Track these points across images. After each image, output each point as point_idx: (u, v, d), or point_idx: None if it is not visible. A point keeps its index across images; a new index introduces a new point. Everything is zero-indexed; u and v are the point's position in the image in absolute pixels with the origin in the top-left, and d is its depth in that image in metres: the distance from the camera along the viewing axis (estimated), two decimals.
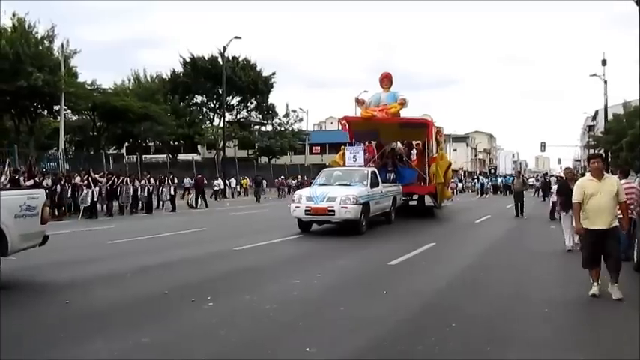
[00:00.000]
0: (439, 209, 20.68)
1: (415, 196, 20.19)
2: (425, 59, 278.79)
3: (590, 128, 72.96)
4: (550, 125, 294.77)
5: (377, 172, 15.44)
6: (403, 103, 18.55)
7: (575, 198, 6.48)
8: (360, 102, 19.65)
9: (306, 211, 13.24)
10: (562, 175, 21.88)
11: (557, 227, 12.11)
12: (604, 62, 41.73)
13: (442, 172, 18.85)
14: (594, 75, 42.09)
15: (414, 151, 20.59)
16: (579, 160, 77.91)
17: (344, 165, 17.35)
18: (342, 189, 13.64)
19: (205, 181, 27.73)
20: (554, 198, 18.63)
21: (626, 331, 5.06)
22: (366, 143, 20.15)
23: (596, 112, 62.72)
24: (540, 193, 34.05)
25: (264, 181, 36.49)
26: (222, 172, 37.70)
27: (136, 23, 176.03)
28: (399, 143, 20.56)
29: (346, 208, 12.80)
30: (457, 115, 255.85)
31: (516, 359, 4.45)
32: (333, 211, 12.84)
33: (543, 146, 63.10)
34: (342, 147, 19.58)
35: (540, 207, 23.05)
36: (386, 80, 19.43)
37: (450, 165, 21.76)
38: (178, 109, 44.64)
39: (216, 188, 33.38)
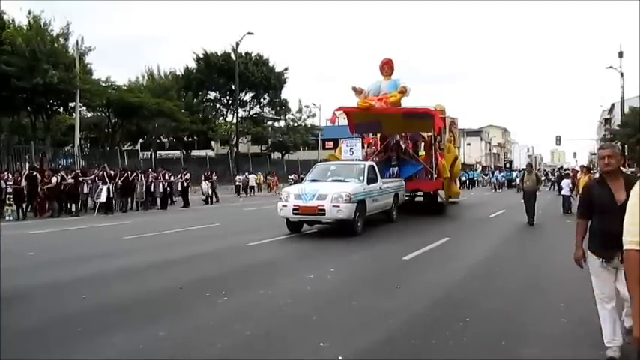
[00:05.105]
0: (448, 205, 20.01)
1: (421, 192, 19.06)
2: (437, 52, 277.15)
3: (607, 121, 72.09)
4: (566, 119, 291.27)
5: (375, 167, 14.26)
6: (404, 92, 17.14)
7: (582, 209, 4.43)
8: (357, 91, 17.72)
9: (293, 210, 12.01)
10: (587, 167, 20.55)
11: (573, 222, 11.96)
12: (620, 54, 41.16)
13: (448, 166, 18.05)
14: (611, 67, 41.54)
15: (423, 144, 19.17)
16: (595, 154, 76.96)
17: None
18: (335, 185, 12.46)
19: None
20: (564, 192, 18.79)
21: None
22: (371, 135, 19.53)
23: (613, 105, 61.97)
24: (556, 187, 33.80)
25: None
26: (235, 168, 37.85)
27: (149, 20, 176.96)
28: (397, 136, 18.88)
29: (338, 206, 11.59)
30: (471, 109, 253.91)
31: (531, 355, 4.42)
32: (324, 210, 11.66)
33: (559, 140, 62.65)
34: (341, 140, 18.37)
35: (556, 201, 22.78)
36: (386, 67, 17.94)
37: (456, 158, 20.83)
38: (192, 105, 44.84)
39: (237, 183, 33.72)
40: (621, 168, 4.42)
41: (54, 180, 18.46)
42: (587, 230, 4.29)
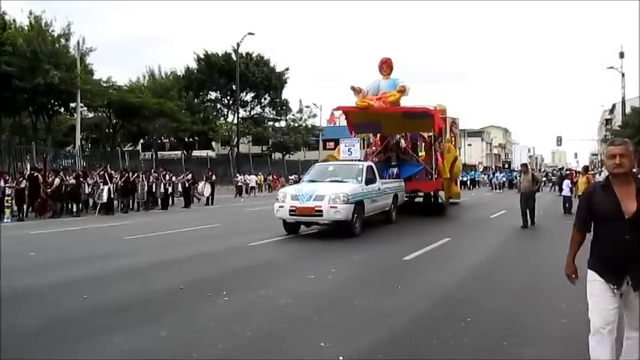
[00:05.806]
0: (448, 205, 19.92)
1: (421, 193, 18.94)
2: (438, 52, 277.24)
3: (608, 122, 72.06)
4: (567, 119, 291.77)
5: (374, 167, 14.08)
6: (403, 91, 16.79)
7: (578, 220, 3.60)
8: (356, 90, 17.35)
9: (290, 211, 11.85)
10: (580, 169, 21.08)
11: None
12: (622, 55, 41.17)
13: (448, 166, 17.95)
14: (612, 68, 41.53)
15: (423, 144, 19.00)
16: (596, 154, 77.00)
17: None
18: (332, 186, 12.27)
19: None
20: (565, 192, 18.91)
21: None
22: (371, 136, 19.48)
23: (614, 106, 61.95)
24: (557, 188, 33.74)
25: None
26: (236, 168, 37.86)
27: (149, 20, 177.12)
28: (397, 136, 18.68)
29: (335, 207, 11.42)
30: (472, 110, 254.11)
31: (532, 355, 4.42)
32: (321, 211, 11.49)
33: (560, 140, 62.53)
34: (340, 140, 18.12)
35: (557, 201, 22.78)
36: (385, 66, 17.62)
37: (456, 158, 20.74)
38: (193, 105, 44.92)
39: (239, 184, 33.70)
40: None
41: (57, 181, 18.46)
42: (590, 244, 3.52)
